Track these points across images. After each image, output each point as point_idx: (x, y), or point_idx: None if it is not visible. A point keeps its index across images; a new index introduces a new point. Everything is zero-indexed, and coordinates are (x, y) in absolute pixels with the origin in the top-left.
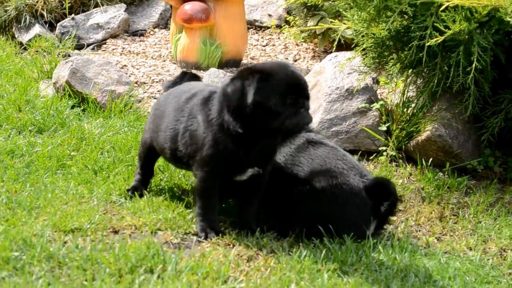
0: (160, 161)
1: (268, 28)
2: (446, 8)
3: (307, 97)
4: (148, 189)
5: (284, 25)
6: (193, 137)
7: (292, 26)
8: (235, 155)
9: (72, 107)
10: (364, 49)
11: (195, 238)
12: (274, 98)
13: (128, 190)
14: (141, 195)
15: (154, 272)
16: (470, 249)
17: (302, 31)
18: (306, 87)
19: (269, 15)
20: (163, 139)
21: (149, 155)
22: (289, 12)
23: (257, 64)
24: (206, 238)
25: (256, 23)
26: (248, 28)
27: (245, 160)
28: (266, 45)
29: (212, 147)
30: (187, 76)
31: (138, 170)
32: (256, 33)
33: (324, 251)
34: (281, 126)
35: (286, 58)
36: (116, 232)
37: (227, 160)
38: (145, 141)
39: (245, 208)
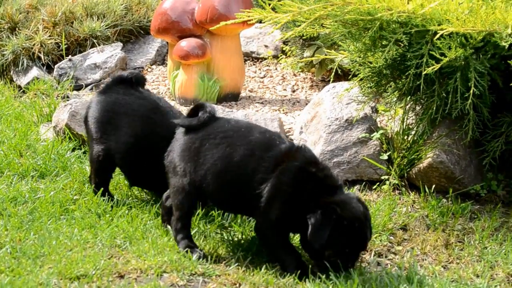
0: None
1: (265, 59)
2: (441, 35)
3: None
4: (152, 231)
5: (281, 55)
6: (272, 192)
7: (289, 56)
8: None
9: (73, 149)
10: (361, 79)
11: (201, 278)
12: (336, 246)
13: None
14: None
15: None
16: (477, 276)
17: (299, 62)
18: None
19: (266, 46)
20: (226, 181)
21: (194, 201)
22: (285, 42)
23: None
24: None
25: (253, 55)
26: (245, 60)
27: None
28: (264, 76)
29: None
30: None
31: (184, 225)
32: (253, 64)
33: (330, 286)
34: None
35: (285, 89)
36: (121, 276)
37: None
38: (185, 185)
39: None
